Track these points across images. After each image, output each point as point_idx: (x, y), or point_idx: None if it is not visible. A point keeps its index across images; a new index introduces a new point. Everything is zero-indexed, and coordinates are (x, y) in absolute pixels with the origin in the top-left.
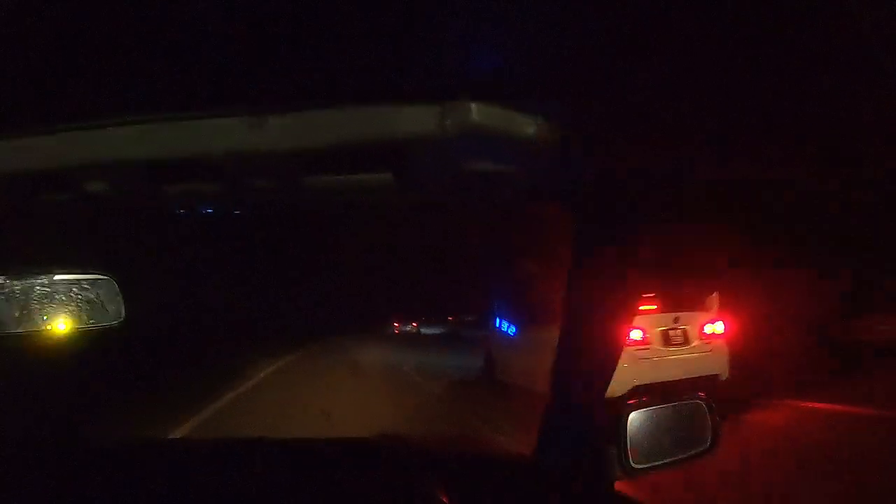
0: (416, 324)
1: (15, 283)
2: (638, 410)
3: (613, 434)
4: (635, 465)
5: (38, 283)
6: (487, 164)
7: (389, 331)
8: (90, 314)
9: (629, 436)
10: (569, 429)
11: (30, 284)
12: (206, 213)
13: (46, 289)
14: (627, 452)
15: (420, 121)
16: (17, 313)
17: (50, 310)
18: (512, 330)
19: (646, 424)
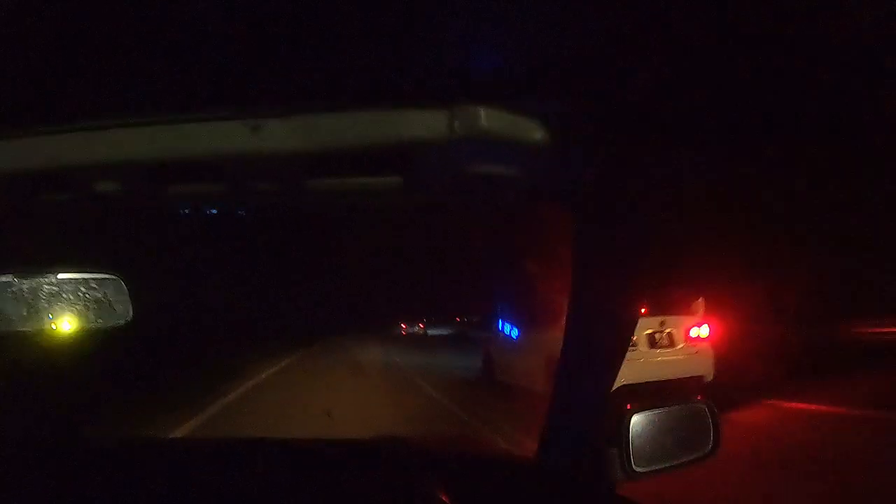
0: (423, 325)
1: (23, 281)
2: (640, 413)
3: (615, 436)
4: (637, 467)
5: (45, 281)
6: (492, 167)
7: (396, 332)
8: (97, 313)
9: (631, 438)
10: (571, 430)
11: (38, 283)
12: (210, 213)
13: (54, 288)
14: (629, 455)
15: (428, 124)
16: (24, 311)
17: (57, 308)
18: (514, 332)
19: (648, 427)
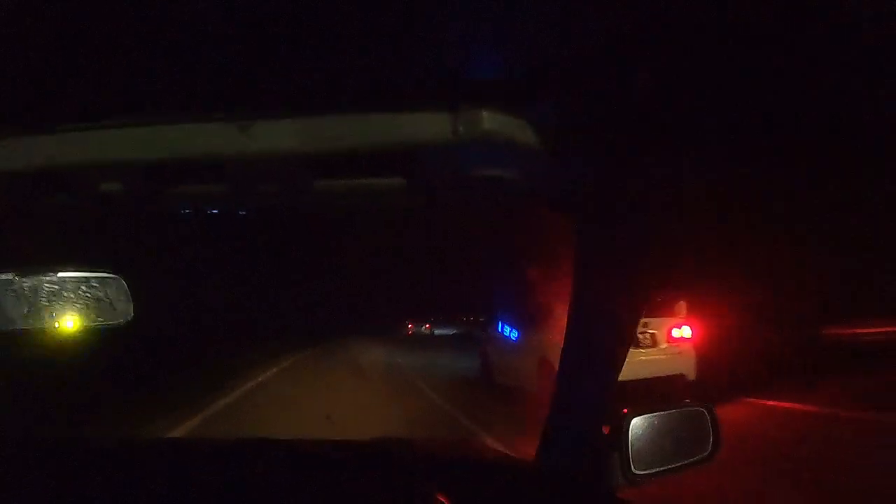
0: (429, 325)
1: (24, 280)
2: (639, 417)
3: (615, 440)
4: (637, 471)
5: (46, 280)
6: (494, 169)
7: (402, 332)
8: (98, 312)
9: (631, 442)
10: (571, 433)
11: (38, 282)
12: (212, 213)
13: (55, 286)
14: (629, 459)
15: (431, 127)
16: (25, 310)
17: (58, 307)
18: (514, 334)
19: (647, 431)
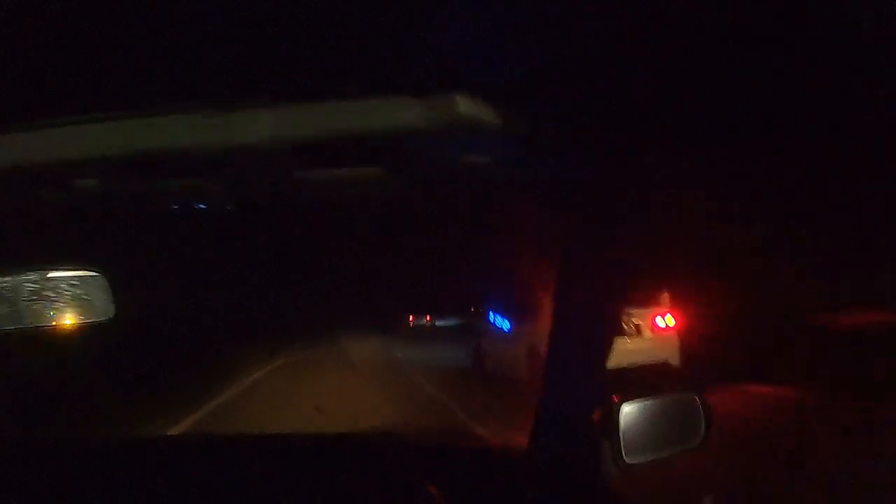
0: (430, 318)
1: (5, 280)
2: (630, 404)
3: (606, 428)
4: (628, 458)
5: (27, 280)
6: (473, 157)
7: (402, 325)
8: (80, 311)
9: (622, 429)
10: (561, 423)
11: (19, 282)
12: (199, 209)
13: (36, 286)
14: (620, 446)
15: (406, 114)
16: (6, 310)
17: (40, 307)
18: (506, 325)
19: (639, 418)
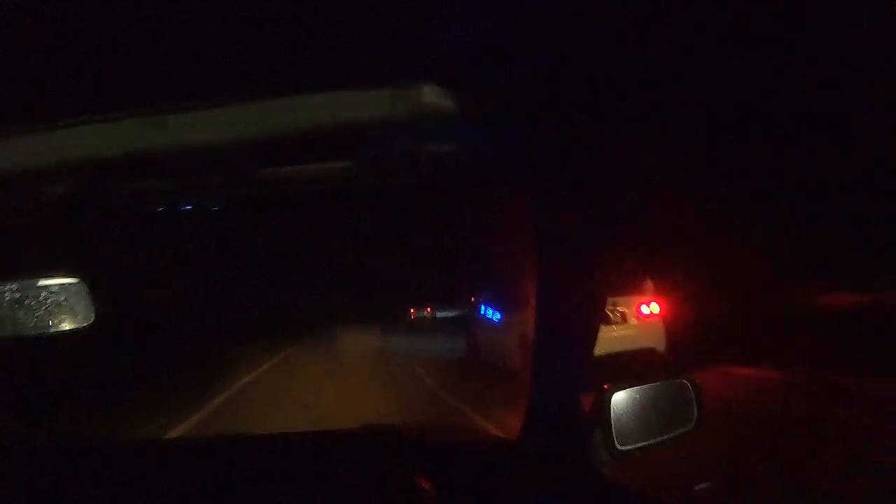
0: (431, 309)
1: None
2: (621, 391)
3: (597, 415)
4: (620, 446)
5: (7, 289)
6: (439, 146)
7: (404, 318)
8: (61, 318)
9: (613, 417)
10: (551, 411)
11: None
12: (185, 209)
13: (16, 294)
14: (612, 434)
15: (371, 106)
16: None
17: (20, 315)
18: (497, 316)
19: (630, 405)
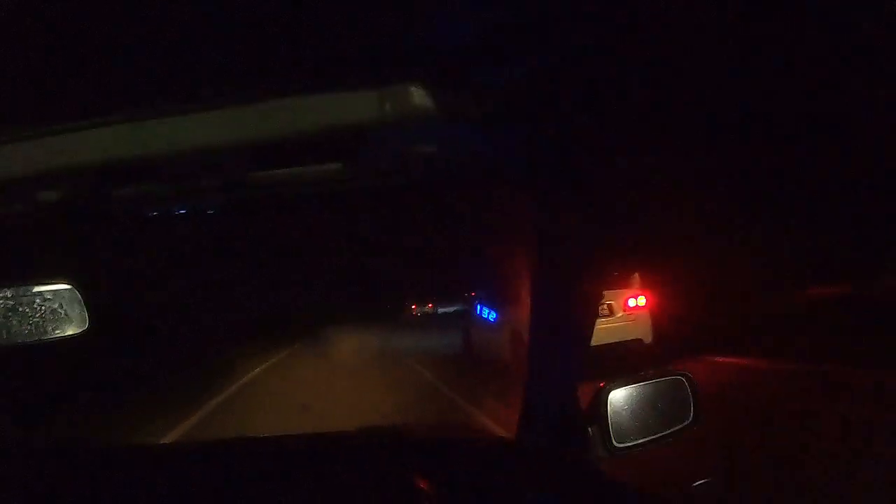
0: (432, 305)
1: None
2: (617, 389)
3: (594, 413)
4: (617, 443)
5: (0, 296)
6: (431, 147)
7: (405, 315)
8: (55, 325)
9: (610, 414)
10: (548, 409)
11: None
12: (180, 213)
13: (10, 302)
14: (609, 431)
15: (359, 108)
16: None
17: (14, 323)
18: (492, 315)
19: (627, 402)
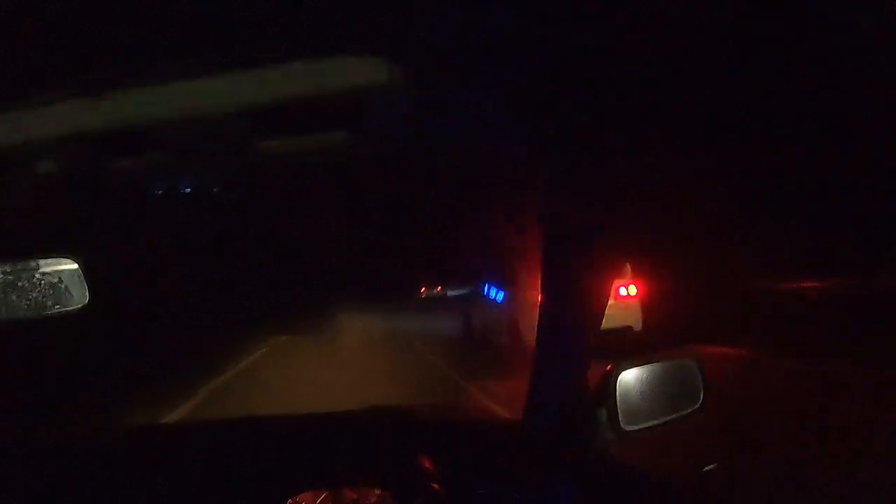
0: (441, 288)
1: None
2: (627, 370)
3: (603, 395)
4: (626, 426)
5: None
6: (437, 118)
7: (414, 297)
8: (55, 299)
9: (619, 397)
10: (556, 393)
11: None
12: (184, 191)
13: (9, 277)
14: (618, 413)
15: (369, 73)
16: None
17: (14, 298)
18: (500, 296)
19: (636, 385)
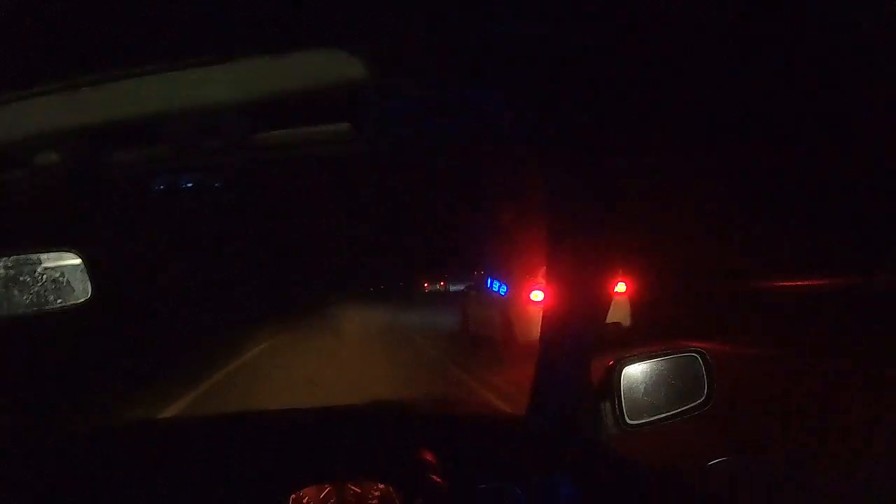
0: (444, 283)
1: None
2: (631, 364)
3: (606, 389)
4: (630, 420)
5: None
6: (440, 112)
7: (416, 292)
8: (56, 294)
9: (623, 391)
10: (559, 387)
11: None
12: (186, 186)
13: (11, 271)
14: (622, 408)
15: (370, 69)
16: None
17: (16, 292)
18: (503, 289)
19: (640, 378)
